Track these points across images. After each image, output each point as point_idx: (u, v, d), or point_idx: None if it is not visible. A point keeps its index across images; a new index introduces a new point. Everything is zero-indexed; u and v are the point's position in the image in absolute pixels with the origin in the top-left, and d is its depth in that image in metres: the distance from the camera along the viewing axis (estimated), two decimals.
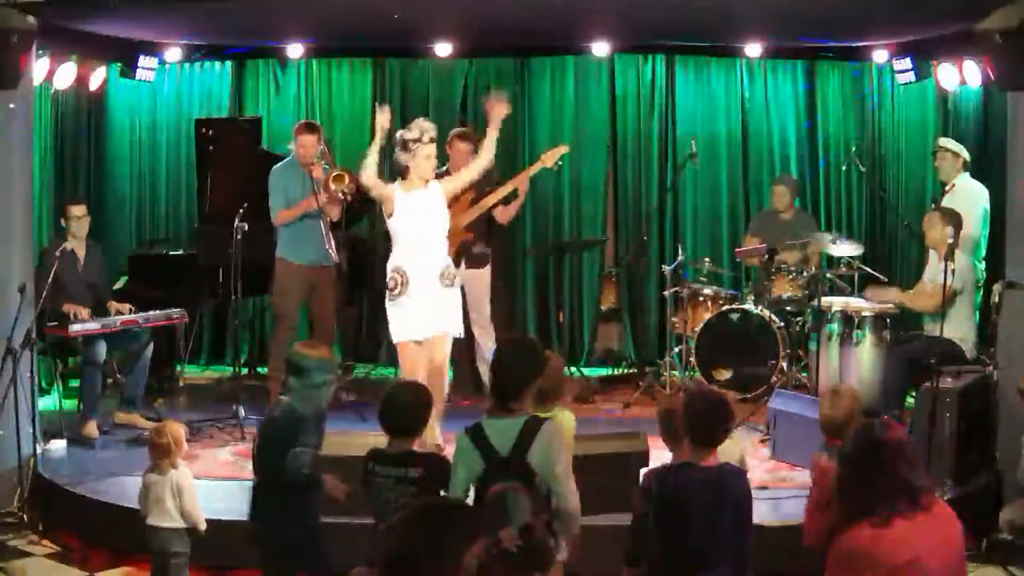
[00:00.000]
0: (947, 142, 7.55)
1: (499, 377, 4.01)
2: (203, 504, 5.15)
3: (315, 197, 7.35)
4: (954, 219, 6.69)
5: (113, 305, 7.29)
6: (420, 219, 6.23)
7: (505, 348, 4.23)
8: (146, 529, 4.80)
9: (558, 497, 3.81)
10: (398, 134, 6.29)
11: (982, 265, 7.24)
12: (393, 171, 6.54)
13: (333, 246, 7.57)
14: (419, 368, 6.20)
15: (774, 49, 8.78)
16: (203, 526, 4.82)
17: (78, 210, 7.25)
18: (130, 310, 7.23)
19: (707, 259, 8.48)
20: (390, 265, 6.29)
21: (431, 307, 6.22)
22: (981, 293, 7.02)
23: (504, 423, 3.88)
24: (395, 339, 6.34)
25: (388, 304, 6.29)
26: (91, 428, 6.95)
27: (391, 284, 6.23)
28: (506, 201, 7.64)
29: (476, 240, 7.62)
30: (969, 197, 7.29)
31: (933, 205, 7.54)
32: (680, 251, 8.38)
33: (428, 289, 6.21)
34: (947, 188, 7.51)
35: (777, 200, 8.50)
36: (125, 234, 9.21)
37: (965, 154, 7.40)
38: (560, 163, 7.55)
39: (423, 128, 6.21)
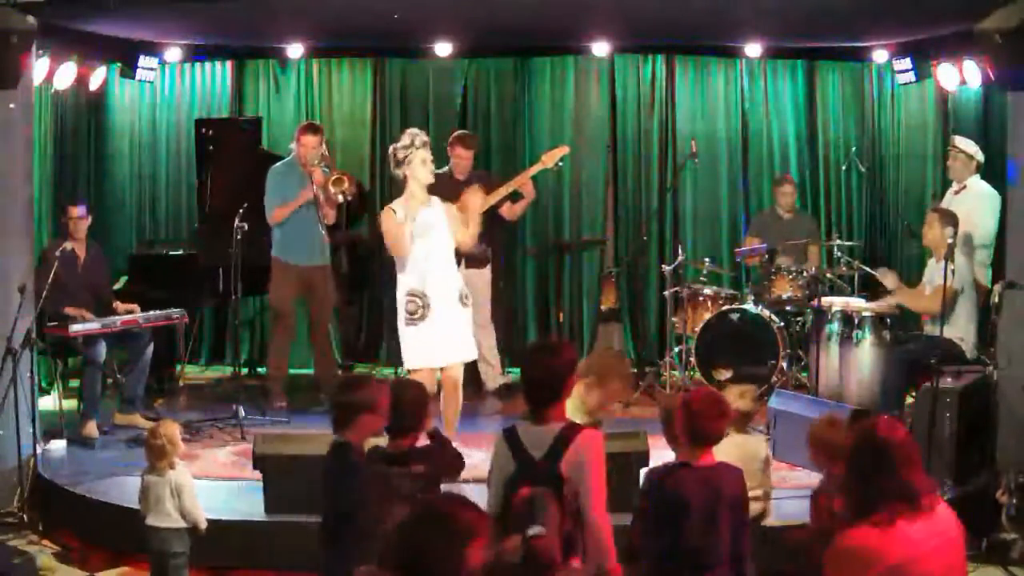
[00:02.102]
0: (962, 143, 7.40)
1: (529, 383, 3.90)
2: (203, 504, 5.15)
3: (310, 188, 7.38)
4: (951, 220, 6.68)
5: (120, 306, 7.30)
6: (431, 238, 6.02)
7: (535, 353, 4.04)
8: (146, 529, 4.80)
9: (585, 505, 3.73)
10: (390, 149, 6.12)
11: (989, 272, 7.19)
12: (395, 188, 6.41)
13: (327, 247, 7.62)
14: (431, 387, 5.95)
15: (774, 49, 8.78)
16: (203, 525, 4.82)
17: (78, 210, 7.24)
18: (128, 311, 7.23)
19: (707, 259, 8.48)
20: (405, 289, 6.02)
21: (452, 332, 6.01)
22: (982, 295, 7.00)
23: (539, 428, 3.81)
24: (412, 366, 6.05)
25: (405, 328, 6.03)
26: (91, 428, 6.95)
27: (411, 308, 5.96)
28: (512, 199, 7.65)
29: (477, 241, 7.61)
30: (980, 200, 7.22)
31: (932, 206, 7.51)
32: (680, 251, 8.38)
33: (449, 312, 6.00)
34: (957, 189, 7.43)
35: (784, 199, 8.49)
36: (125, 234, 9.20)
37: (980, 156, 7.29)
38: (560, 164, 7.55)
39: (413, 134, 6.05)
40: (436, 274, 6.01)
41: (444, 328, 5.99)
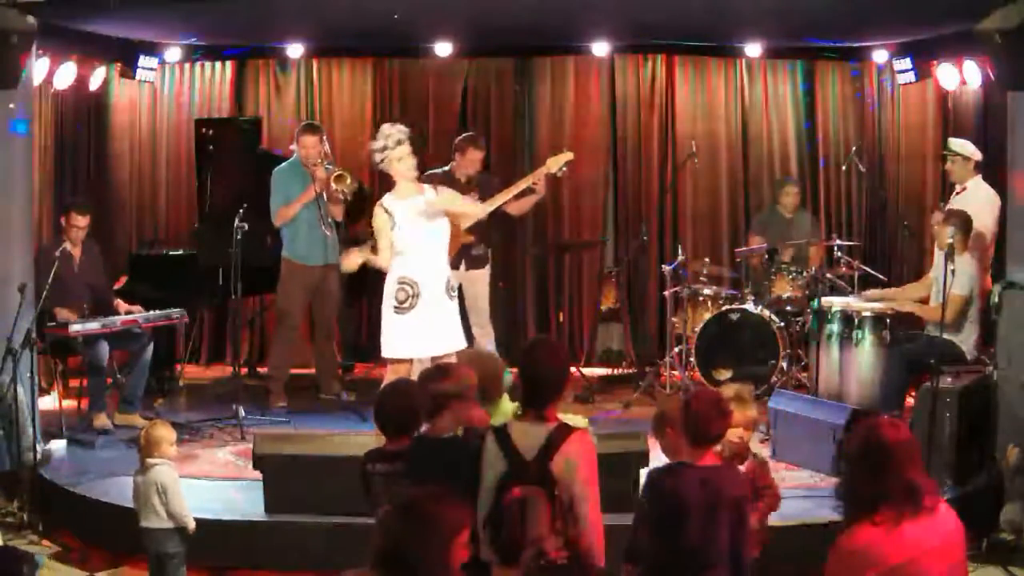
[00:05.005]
0: (957, 145, 7.33)
1: (528, 381, 3.86)
2: (203, 504, 5.16)
3: (313, 187, 7.39)
4: (953, 218, 6.66)
5: (122, 305, 7.30)
6: (422, 227, 5.99)
7: (533, 351, 3.99)
8: (140, 531, 4.79)
9: (578, 507, 3.72)
10: (369, 147, 6.12)
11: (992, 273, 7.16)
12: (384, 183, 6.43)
13: (335, 247, 7.63)
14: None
15: (774, 49, 8.78)
16: (191, 525, 4.77)
17: (82, 220, 7.20)
18: (129, 312, 7.22)
19: (707, 259, 8.48)
20: (395, 276, 5.97)
21: (439, 323, 5.96)
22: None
23: (531, 428, 3.79)
24: (393, 354, 5.99)
25: (391, 316, 5.96)
26: (102, 419, 7.02)
27: (400, 296, 5.91)
28: (520, 195, 7.64)
29: (477, 242, 7.61)
30: (981, 203, 7.15)
31: (942, 205, 7.49)
32: (680, 251, 8.38)
33: (437, 302, 5.95)
34: (958, 190, 7.39)
35: (788, 200, 8.50)
36: (125, 234, 9.21)
37: (977, 155, 7.22)
38: (564, 169, 7.54)
39: (385, 135, 6.00)
40: (427, 263, 5.97)
41: (432, 318, 5.94)
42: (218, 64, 9.25)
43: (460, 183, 7.41)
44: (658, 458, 4.56)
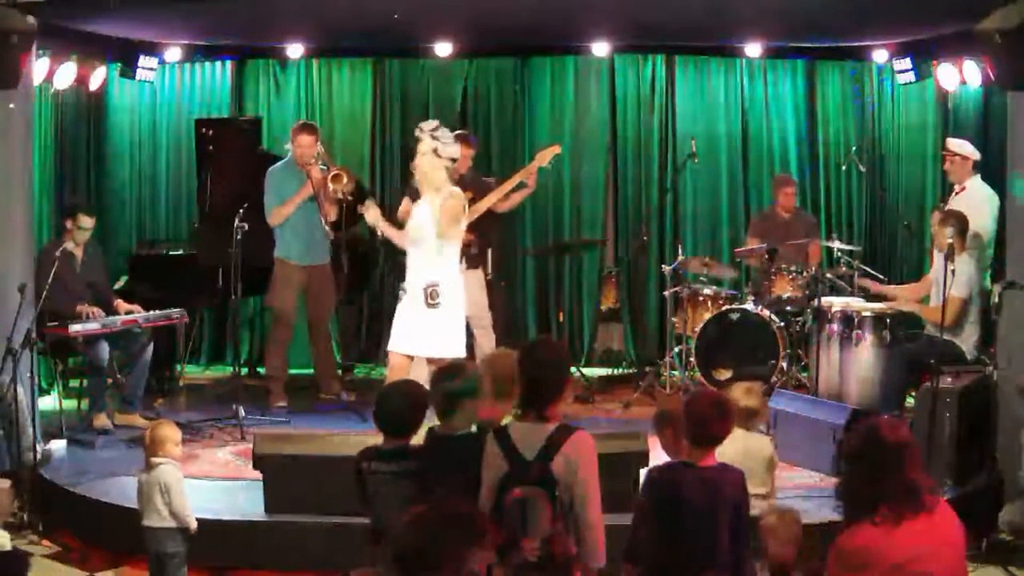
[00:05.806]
0: (955, 145, 7.35)
1: (529, 382, 3.87)
2: (203, 504, 5.15)
3: (309, 186, 7.40)
4: (952, 219, 6.66)
5: (122, 305, 7.30)
6: (411, 232, 6.21)
7: (534, 351, 3.99)
8: (142, 530, 4.79)
9: (579, 507, 3.74)
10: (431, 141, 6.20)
11: (987, 275, 7.16)
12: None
13: (328, 246, 7.64)
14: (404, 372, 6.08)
15: (774, 49, 8.78)
16: (193, 525, 4.78)
17: (89, 221, 7.20)
18: (129, 312, 7.22)
19: (707, 259, 8.47)
20: None
21: (411, 325, 6.16)
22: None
23: (532, 428, 3.80)
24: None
25: None
26: (102, 419, 7.02)
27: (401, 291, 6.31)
28: (511, 191, 7.64)
29: (475, 241, 7.60)
30: (980, 202, 7.14)
31: (941, 205, 7.49)
32: (680, 251, 8.38)
33: (412, 305, 6.15)
34: (957, 190, 7.37)
35: (785, 200, 8.50)
36: (125, 234, 9.20)
37: (975, 155, 7.24)
38: (552, 163, 7.53)
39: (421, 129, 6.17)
40: (410, 265, 6.21)
41: (404, 318, 6.20)
42: (218, 64, 9.25)
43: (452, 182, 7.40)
44: (658, 458, 4.56)
